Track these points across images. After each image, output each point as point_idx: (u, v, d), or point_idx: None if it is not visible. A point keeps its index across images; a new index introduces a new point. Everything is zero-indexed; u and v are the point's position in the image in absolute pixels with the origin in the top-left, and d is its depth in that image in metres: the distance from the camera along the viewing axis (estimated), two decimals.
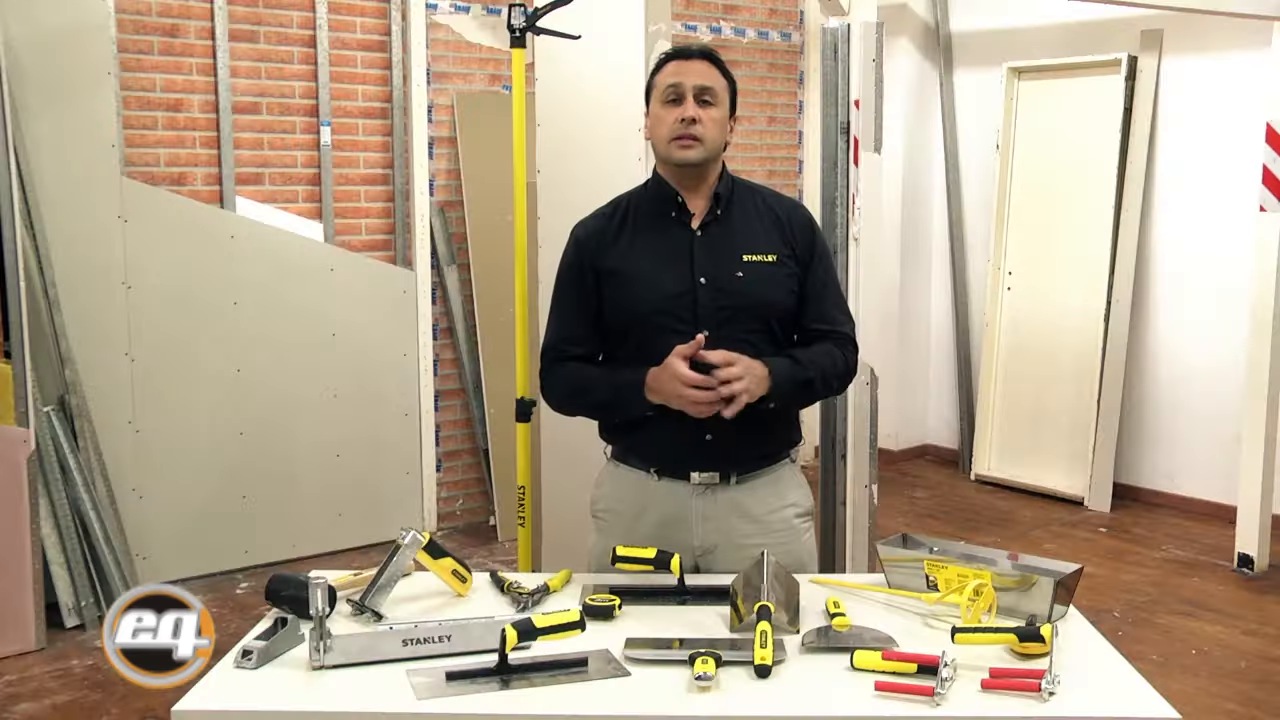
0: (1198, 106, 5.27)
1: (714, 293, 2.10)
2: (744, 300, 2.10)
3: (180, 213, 4.41)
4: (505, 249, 3.72)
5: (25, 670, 3.68)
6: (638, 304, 2.13)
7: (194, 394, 4.46)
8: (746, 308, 2.11)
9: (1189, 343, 5.36)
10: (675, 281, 2.11)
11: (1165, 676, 3.59)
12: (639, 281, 2.13)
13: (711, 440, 2.10)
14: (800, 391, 2.13)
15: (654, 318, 2.11)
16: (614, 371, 2.16)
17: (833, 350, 2.16)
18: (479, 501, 5.30)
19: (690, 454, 2.13)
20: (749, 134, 6.11)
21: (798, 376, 2.10)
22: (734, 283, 2.11)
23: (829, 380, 2.17)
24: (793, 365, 2.10)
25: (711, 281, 2.11)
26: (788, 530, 2.20)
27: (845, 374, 2.20)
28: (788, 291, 2.14)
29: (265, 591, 1.92)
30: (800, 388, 2.12)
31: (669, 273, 2.12)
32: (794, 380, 2.09)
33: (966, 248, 6.23)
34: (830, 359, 2.15)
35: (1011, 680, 1.65)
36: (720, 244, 2.14)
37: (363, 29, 4.85)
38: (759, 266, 2.12)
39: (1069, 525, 5.29)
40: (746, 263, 2.12)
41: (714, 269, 2.11)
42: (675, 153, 2.11)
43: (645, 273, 2.13)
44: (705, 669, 1.64)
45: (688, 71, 2.12)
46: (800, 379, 2.10)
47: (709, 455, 2.13)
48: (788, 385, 2.08)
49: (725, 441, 2.11)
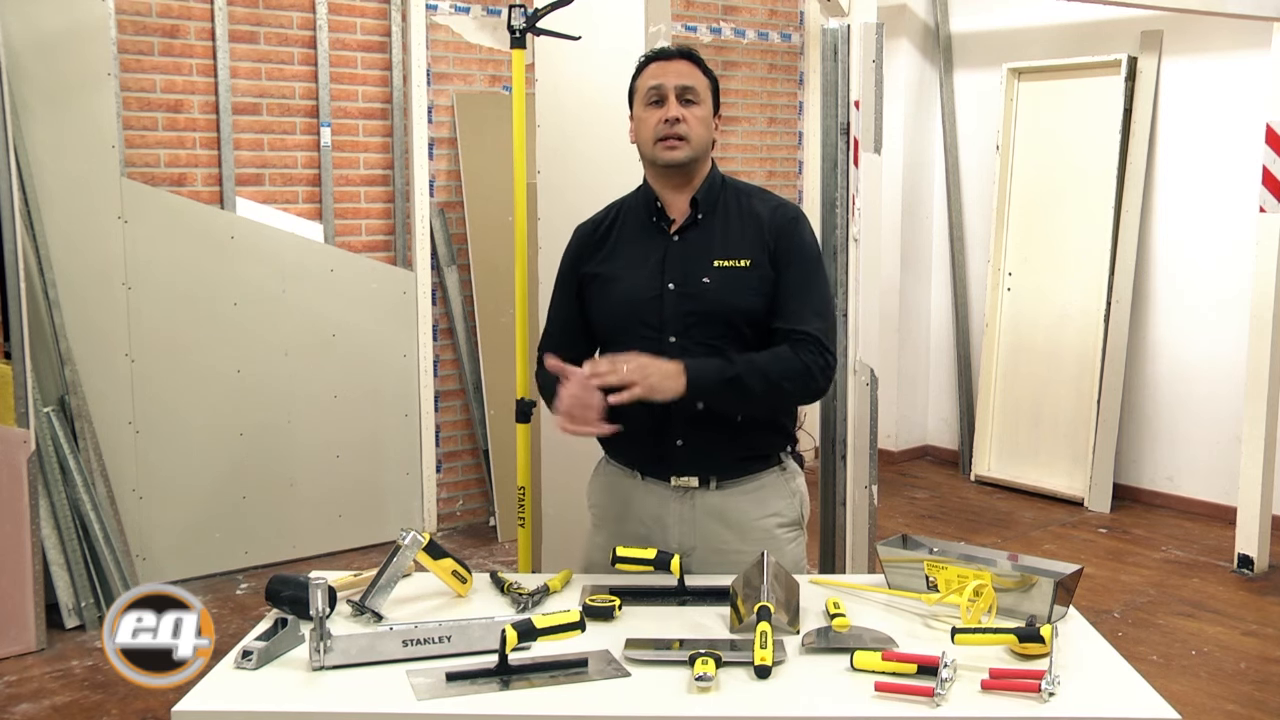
0: (1198, 107, 5.27)
1: (680, 298, 2.11)
2: (710, 306, 2.09)
3: (180, 213, 4.41)
4: (505, 250, 3.73)
5: (25, 671, 3.68)
6: (611, 308, 2.16)
7: (194, 394, 4.46)
8: (712, 313, 2.10)
9: (1189, 343, 5.36)
10: (646, 287, 2.13)
11: (1165, 677, 3.60)
12: (615, 286, 2.16)
13: (683, 445, 2.11)
14: (729, 389, 2.02)
15: (624, 321, 2.14)
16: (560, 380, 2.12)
17: (782, 352, 2.07)
18: (479, 502, 5.30)
19: (665, 458, 2.14)
20: (749, 135, 6.11)
21: (725, 373, 2.02)
22: (700, 288, 2.10)
23: (774, 382, 2.04)
24: (721, 364, 2.04)
25: (679, 287, 2.11)
26: (768, 540, 2.15)
27: (802, 374, 2.06)
28: (759, 295, 2.10)
29: (265, 592, 1.92)
30: (727, 384, 2.02)
31: (642, 278, 2.14)
32: (721, 377, 2.02)
33: (966, 248, 6.24)
34: (776, 360, 2.06)
35: (1011, 681, 1.65)
36: (694, 250, 2.13)
37: (363, 29, 4.85)
38: (730, 272, 2.10)
39: (1069, 526, 5.29)
40: (717, 268, 2.10)
41: (683, 275, 2.11)
42: (661, 154, 2.12)
43: (621, 278, 2.16)
44: (705, 670, 1.64)
45: (668, 72, 2.12)
46: (727, 375, 2.02)
47: (684, 459, 2.13)
48: (710, 381, 2.01)
49: (697, 445, 2.11)
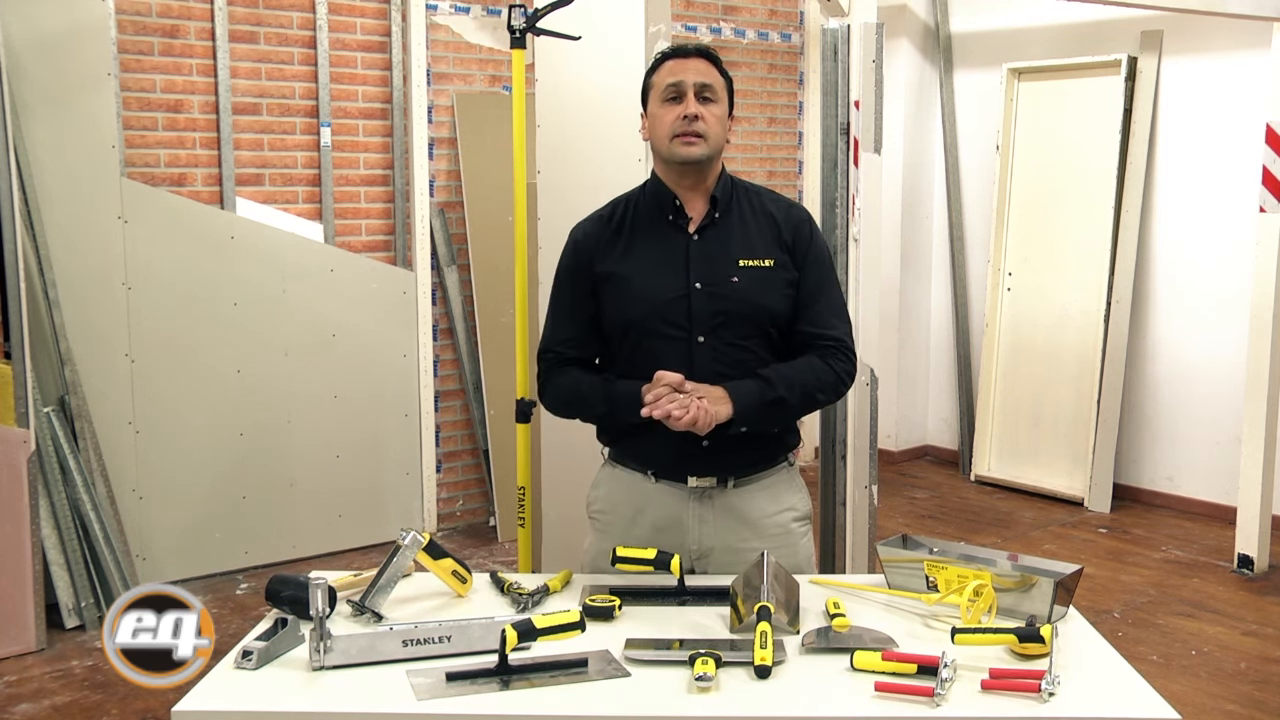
0: (1198, 107, 5.27)
1: (708, 298, 2.09)
2: (738, 305, 2.09)
3: (180, 213, 4.41)
4: (505, 250, 3.73)
5: (25, 671, 3.68)
6: (633, 308, 2.12)
7: (194, 394, 4.46)
8: (741, 313, 2.09)
9: (1189, 343, 5.36)
10: (671, 286, 2.11)
11: (1165, 677, 3.60)
12: (635, 286, 2.12)
13: (708, 447, 2.10)
14: (772, 411, 2.06)
15: (649, 322, 2.11)
16: (610, 382, 2.15)
17: (815, 363, 2.10)
18: (479, 502, 5.30)
19: (687, 460, 2.13)
20: (749, 135, 6.11)
21: (766, 396, 2.04)
22: (729, 288, 2.10)
23: (810, 394, 2.10)
24: (761, 386, 2.05)
25: (706, 286, 2.10)
26: (784, 535, 2.19)
27: (834, 384, 2.13)
28: (784, 296, 2.12)
29: (265, 592, 1.92)
30: (770, 407, 2.05)
31: (665, 277, 2.11)
32: (762, 401, 2.04)
33: (966, 248, 6.24)
34: (812, 373, 2.10)
35: (1011, 681, 1.65)
36: (717, 249, 2.13)
37: (363, 29, 4.85)
38: (755, 271, 2.11)
39: (1069, 526, 5.29)
40: (742, 268, 2.10)
41: (709, 274, 2.10)
42: (679, 150, 2.09)
43: (641, 277, 2.12)
44: (705, 670, 1.64)
45: (687, 69, 2.11)
46: (769, 399, 2.04)
47: (705, 461, 2.12)
48: (755, 408, 2.03)
49: (722, 448, 2.10)
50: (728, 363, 2.08)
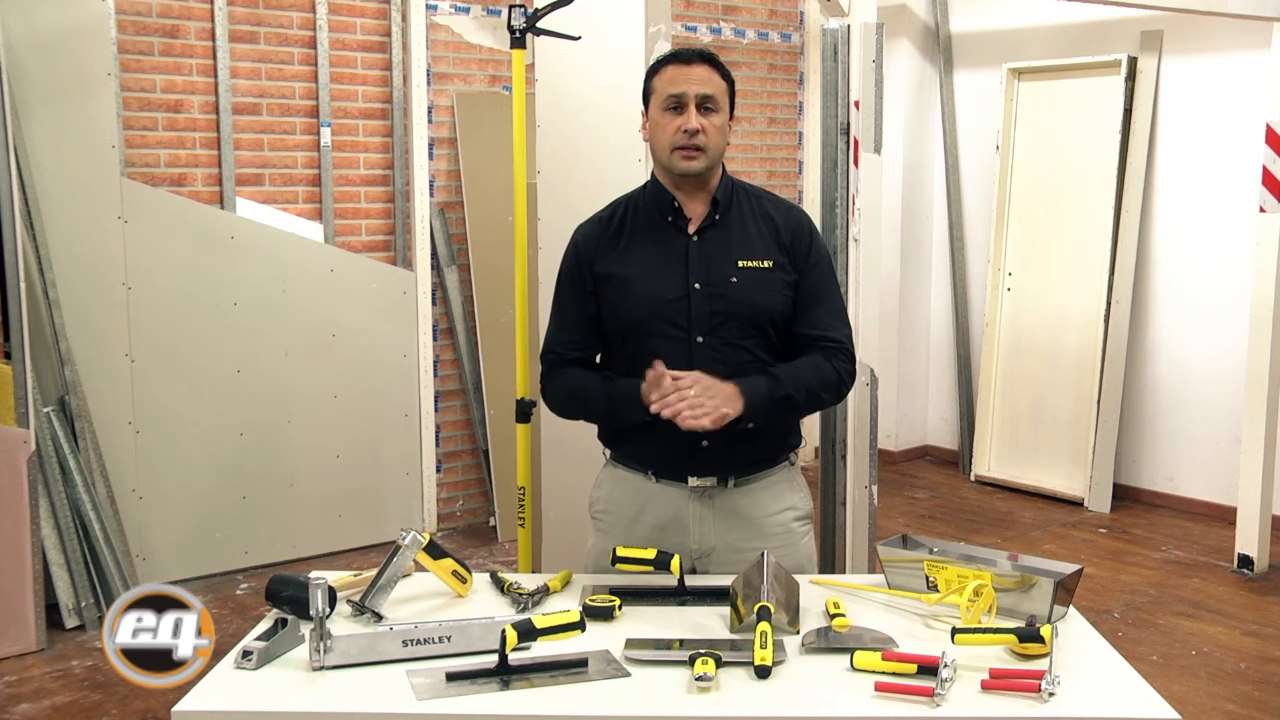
0: (1198, 107, 5.27)
1: (707, 298, 2.11)
2: (737, 305, 2.10)
3: (180, 213, 4.41)
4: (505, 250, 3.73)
5: (25, 671, 3.68)
6: (633, 308, 2.14)
7: (194, 394, 4.46)
8: (740, 313, 2.11)
9: (1189, 343, 5.36)
10: (670, 287, 2.12)
11: (1165, 677, 3.60)
12: (635, 286, 2.14)
13: (708, 446, 2.11)
14: (779, 408, 2.08)
15: (649, 323, 2.12)
16: (612, 381, 2.16)
17: (819, 363, 2.13)
18: (479, 502, 5.30)
19: (687, 460, 2.13)
20: (749, 135, 6.11)
21: (775, 393, 2.06)
22: (728, 288, 2.11)
23: (815, 393, 2.12)
24: (770, 383, 2.07)
25: (705, 287, 2.11)
26: (785, 534, 2.20)
27: (837, 385, 2.15)
28: (783, 297, 2.13)
29: (265, 592, 1.92)
30: (778, 404, 2.07)
31: (664, 278, 2.13)
32: (771, 398, 2.06)
33: (966, 248, 6.24)
34: (817, 372, 2.12)
35: (1011, 681, 1.65)
36: (716, 250, 2.14)
37: (363, 29, 4.85)
38: (754, 272, 2.12)
39: (1069, 526, 5.29)
40: (741, 268, 2.12)
41: (708, 275, 2.12)
42: (679, 163, 2.11)
43: (641, 278, 2.14)
44: (705, 670, 1.65)
45: (689, 78, 2.10)
46: (778, 395, 2.06)
47: (706, 461, 2.13)
48: (764, 404, 2.05)
49: (722, 448, 2.11)
50: (727, 362, 2.09)
